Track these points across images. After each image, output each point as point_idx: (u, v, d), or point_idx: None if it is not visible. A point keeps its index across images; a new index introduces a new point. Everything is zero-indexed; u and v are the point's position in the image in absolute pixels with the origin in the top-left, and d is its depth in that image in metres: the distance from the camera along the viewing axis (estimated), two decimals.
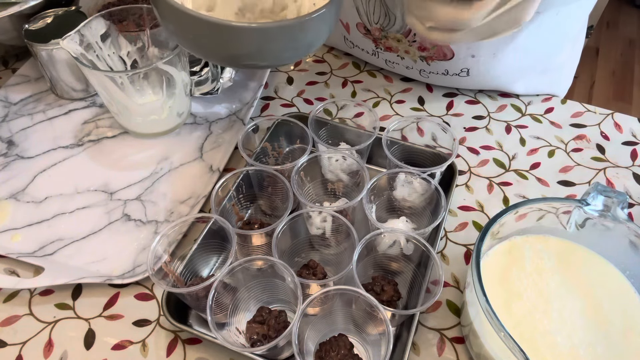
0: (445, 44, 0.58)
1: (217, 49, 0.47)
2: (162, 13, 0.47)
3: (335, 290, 0.44)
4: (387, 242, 0.49)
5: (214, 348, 0.49)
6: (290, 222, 0.49)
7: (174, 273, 0.48)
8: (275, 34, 0.44)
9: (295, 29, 0.44)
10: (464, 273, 0.54)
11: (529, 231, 0.49)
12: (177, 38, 0.49)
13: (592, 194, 0.45)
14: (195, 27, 0.44)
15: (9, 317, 0.51)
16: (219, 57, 0.50)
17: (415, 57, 0.68)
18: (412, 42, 0.66)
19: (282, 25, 0.44)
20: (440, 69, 0.69)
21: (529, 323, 0.44)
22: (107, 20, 0.63)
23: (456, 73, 0.68)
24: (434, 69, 0.69)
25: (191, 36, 0.46)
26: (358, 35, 0.71)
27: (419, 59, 0.68)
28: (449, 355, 0.48)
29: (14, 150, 0.65)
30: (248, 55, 0.46)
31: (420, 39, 0.64)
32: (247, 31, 0.43)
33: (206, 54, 0.50)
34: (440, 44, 0.60)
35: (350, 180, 0.57)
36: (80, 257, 0.55)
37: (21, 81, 0.74)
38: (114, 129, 0.68)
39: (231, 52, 0.46)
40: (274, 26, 0.43)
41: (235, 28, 0.42)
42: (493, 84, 0.70)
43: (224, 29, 0.43)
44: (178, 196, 0.60)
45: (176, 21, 0.46)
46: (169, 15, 0.46)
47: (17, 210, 0.59)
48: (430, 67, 0.69)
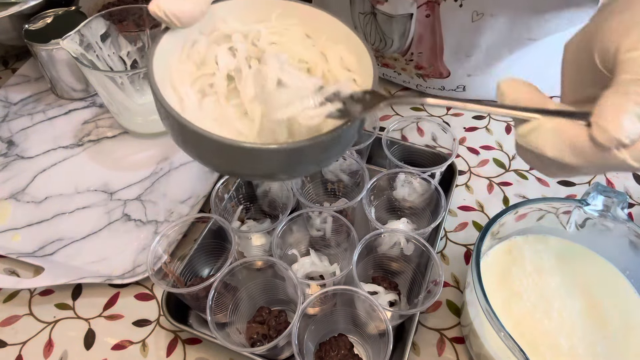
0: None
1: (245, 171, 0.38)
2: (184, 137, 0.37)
3: (335, 290, 0.44)
4: (387, 242, 0.49)
5: (214, 348, 0.49)
6: (290, 222, 0.49)
7: (174, 273, 0.48)
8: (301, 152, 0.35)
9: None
10: (464, 273, 0.54)
11: (529, 231, 0.49)
12: (195, 157, 0.39)
13: (592, 194, 0.45)
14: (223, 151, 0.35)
15: (9, 317, 0.51)
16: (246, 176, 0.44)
17: (412, 74, 0.69)
18: (408, 61, 0.66)
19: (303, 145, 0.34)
20: (436, 85, 0.70)
21: (529, 323, 0.44)
22: (107, 20, 0.63)
23: (452, 89, 0.69)
24: (430, 85, 0.70)
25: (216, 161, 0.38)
26: None
27: (415, 75, 0.69)
28: (449, 355, 0.48)
29: (14, 150, 0.65)
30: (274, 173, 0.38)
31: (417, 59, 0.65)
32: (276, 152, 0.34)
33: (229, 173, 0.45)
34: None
35: (350, 180, 0.57)
36: (80, 257, 0.55)
37: (21, 81, 0.74)
38: (114, 129, 0.68)
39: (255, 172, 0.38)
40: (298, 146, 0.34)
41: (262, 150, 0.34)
42: (489, 96, 0.71)
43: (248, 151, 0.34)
44: (178, 196, 0.60)
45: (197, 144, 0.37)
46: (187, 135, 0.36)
47: (17, 210, 0.59)
48: (426, 83, 0.70)
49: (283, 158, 0.35)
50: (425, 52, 0.64)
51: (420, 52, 0.64)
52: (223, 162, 0.38)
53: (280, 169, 0.37)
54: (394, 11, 0.59)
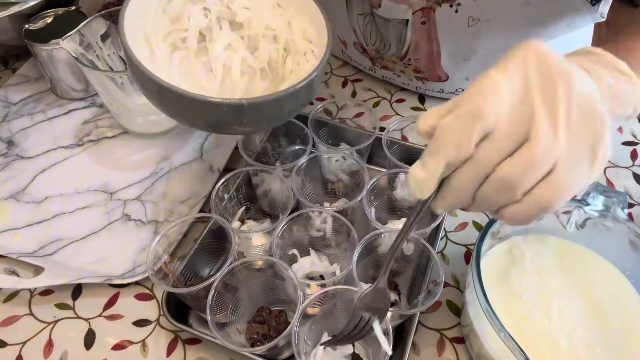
0: None
1: (196, 120, 0.46)
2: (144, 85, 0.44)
3: (335, 290, 0.44)
4: (387, 242, 0.49)
5: (214, 348, 0.49)
6: (290, 222, 0.49)
7: (174, 273, 0.48)
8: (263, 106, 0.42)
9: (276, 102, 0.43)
10: (464, 273, 0.54)
11: (529, 231, 0.49)
12: (156, 105, 0.47)
13: (592, 194, 0.45)
14: (175, 100, 0.42)
15: (9, 317, 0.51)
16: (197, 126, 0.49)
17: (411, 77, 0.69)
18: (407, 65, 0.66)
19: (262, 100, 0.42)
20: (435, 88, 0.70)
21: (529, 323, 0.44)
22: (107, 20, 0.63)
23: (451, 92, 0.70)
24: (429, 87, 0.71)
25: (171, 108, 0.45)
26: (355, 52, 0.72)
27: (414, 78, 0.69)
28: (449, 355, 0.48)
29: (14, 150, 0.65)
30: (230, 124, 0.45)
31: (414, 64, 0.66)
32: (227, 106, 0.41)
33: (185, 122, 0.49)
34: None
35: (350, 180, 0.57)
36: (80, 257, 0.55)
37: (21, 81, 0.74)
38: (114, 129, 0.68)
39: (211, 122, 0.45)
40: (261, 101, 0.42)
41: (216, 104, 0.41)
42: None
43: (203, 104, 0.41)
44: (178, 196, 0.60)
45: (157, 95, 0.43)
46: (147, 84, 0.43)
47: (17, 210, 0.59)
48: (425, 86, 0.70)
49: (241, 111, 0.41)
50: (423, 59, 0.64)
51: (418, 57, 0.64)
52: (187, 114, 0.44)
53: (239, 121, 0.43)
54: (390, 15, 0.59)
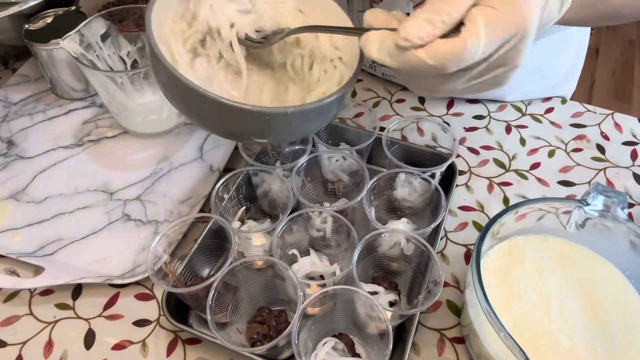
0: None
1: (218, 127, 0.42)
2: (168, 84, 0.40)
3: (335, 290, 0.44)
4: (387, 242, 0.49)
5: (214, 348, 0.49)
6: (290, 222, 0.49)
7: (174, 273, 0.48)
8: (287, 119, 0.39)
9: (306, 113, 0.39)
10: (464, 273, 0.54)
11: (529, 231, 0.49)
12: (176, 106, 0.43)
13: (592, 194, 0.45)
14: (199, 102, 0.38)
15: (9, 317, 0.51)
16: (220, 133, 0.45)
17: None
18: None
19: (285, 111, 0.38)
20: None
21: (529, 323, 0.44)
22: (107, 20, 0.63)
23: None
24: None
25: (195, 111, 0.41)
26: None
27: None
28: (449, 355, 0.48)
29: (14, 150, 0.65)
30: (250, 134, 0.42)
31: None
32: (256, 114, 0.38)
33: (206, 128, 0.47)
34: None
35: (350, 180, 0.57)
36: (80, 257, 0.55)
37: (21, 81, 0.74)
38: (114, 129, 0.68)
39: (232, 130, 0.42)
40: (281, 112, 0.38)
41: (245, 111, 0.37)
42: (489, 95, 0.71)
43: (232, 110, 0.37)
44: (178, 196, 0.60)
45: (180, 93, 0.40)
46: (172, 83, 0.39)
47: (17, 210, 0.59)
48: None
49: (270, 121, 0.38)
50: None
51: None
52: (220, 122, 0.41)
53: (279, 130, 0.40)
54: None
